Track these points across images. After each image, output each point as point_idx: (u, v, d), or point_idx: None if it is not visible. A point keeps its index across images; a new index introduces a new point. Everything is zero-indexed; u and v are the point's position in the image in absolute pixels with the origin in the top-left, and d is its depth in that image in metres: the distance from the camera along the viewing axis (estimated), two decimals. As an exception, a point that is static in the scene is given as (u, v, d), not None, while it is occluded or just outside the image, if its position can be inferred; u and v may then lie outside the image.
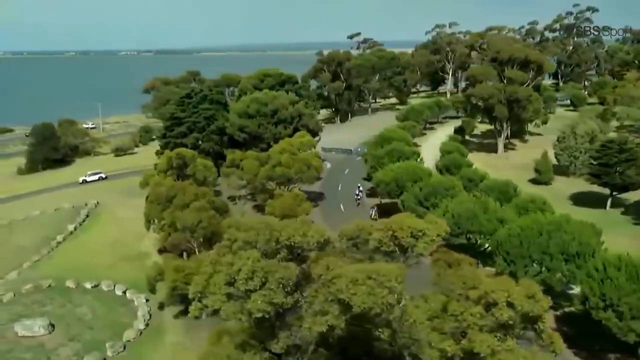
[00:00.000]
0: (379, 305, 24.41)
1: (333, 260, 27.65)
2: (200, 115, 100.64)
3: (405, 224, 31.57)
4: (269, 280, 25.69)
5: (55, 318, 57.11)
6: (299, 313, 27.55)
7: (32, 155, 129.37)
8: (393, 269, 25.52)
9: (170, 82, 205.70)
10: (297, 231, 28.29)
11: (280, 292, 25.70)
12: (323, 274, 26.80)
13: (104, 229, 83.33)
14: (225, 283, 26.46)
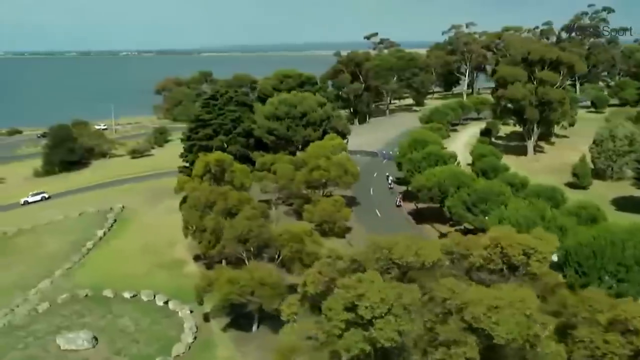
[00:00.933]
0: (523, 337, 21.95)
1: (454, 282, 25.13)
2: (227, 117, 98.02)
3: (515, 240, 29.04)
4: (394, 305, 23.21)
5: (98, 330, 54.71)
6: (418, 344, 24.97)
7: (48, 158, 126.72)
8: (530, 295, 23.04)
9: (182, 82, 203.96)
10: (409, 249, 25.79)
11: (407, 318, 23.24)
12: (448, 297, 24.30)
13: (134, 235, 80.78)
14: (344, 308, 23.93)
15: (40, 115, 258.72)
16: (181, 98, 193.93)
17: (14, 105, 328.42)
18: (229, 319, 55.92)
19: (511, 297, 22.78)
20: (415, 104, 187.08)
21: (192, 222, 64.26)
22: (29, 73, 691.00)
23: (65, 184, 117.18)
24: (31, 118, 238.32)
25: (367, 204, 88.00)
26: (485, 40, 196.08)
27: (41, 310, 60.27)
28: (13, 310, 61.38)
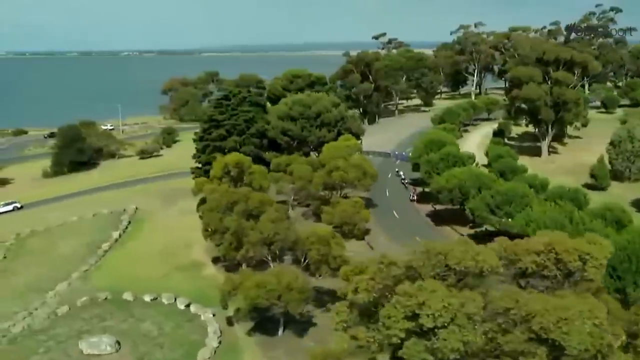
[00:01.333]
0: (596, 347, 21.11)
1: (517, 290, 24.25)
2: (240, 117, 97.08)
3: (570, 245, 28.15)
4: (457, 314, 22.34)
5: (120, 334, 53.77)
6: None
7: (58, 158, 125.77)
8: (598, 304, 22.17)
9: (188, 82, 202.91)
10: (466, 255, 24.90)
11: (471, 328, 22.37)
12: (512, 307, 23.41)
13: (150, 237, 79.94)
14: (403, 317, 23.05)
15: (44, 115, 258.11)
16: (188, 98, 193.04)
17: (18, 105, 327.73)
18: (252, 322, 54.92)
19: (579, 306, 21.93)
20: (423, 104, 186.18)
21: (212, 224, 63.37)
22: (32, 73, 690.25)
23: (75, 185, 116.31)
24: (36, 118, 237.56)
25: (384, 206, 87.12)
26: (493, 40, 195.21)
27: (60, 313, 59.38)
28: (31, 313, 60.52)
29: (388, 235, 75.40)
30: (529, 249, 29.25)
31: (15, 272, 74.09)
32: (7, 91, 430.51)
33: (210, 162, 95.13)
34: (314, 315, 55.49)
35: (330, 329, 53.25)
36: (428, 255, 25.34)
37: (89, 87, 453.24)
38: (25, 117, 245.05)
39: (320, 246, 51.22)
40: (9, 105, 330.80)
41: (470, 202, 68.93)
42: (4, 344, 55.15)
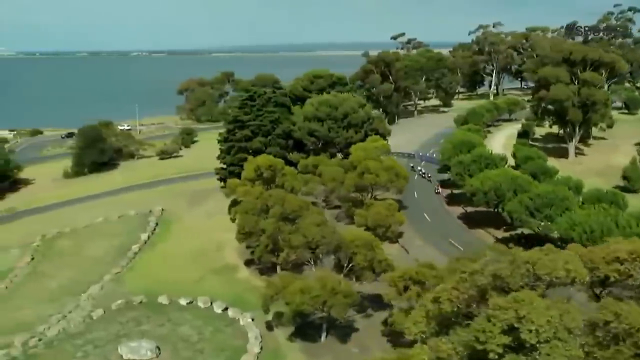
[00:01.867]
0: None
1: (612, 301, 23.20)
2: (266, 118, 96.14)
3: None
4: (558, 328, 21.33)
5: (159, 339, 52.98)
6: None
7: (79, 159, 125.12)
8: None
9: (204, 83, 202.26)
10: (556, 264, 23.85)
11: (573, 343, 21.35)
12: (612, 320, 22.37)
13: (179, 239, 79.15)
14: (500, 332, 22.03)
15: (59, 115, 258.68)
16: (205, 98, 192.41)
17: (32, 105, 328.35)
18: (293, 327, 54.00)
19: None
20: (442, 105, 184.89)
21: (247, 226, 62.41)
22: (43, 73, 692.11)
23: (97, 186, 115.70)
24: (51, 118, 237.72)
25: (414, 208, 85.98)
26: (511, 40, 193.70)
27: (96, 317, 58.65)
28: (66, 316, 59.82)
29: (421, 238, 74.39)
30: (608, 257, 28.18)
31: (45, 274, 73.54)
32: (21, 91, 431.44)
33: (235, 163, 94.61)
34: (354, 320, 54.57)
35: (372, 335, 52.83)
36: (515, 264, 24.30)
37: (101, 87, 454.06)
38: (40, 117, 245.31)
39: (367, 251, 50.21)
40: (24, 105, 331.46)
41: (508, 205, 67.67)
42: (41, 347, 54.47)
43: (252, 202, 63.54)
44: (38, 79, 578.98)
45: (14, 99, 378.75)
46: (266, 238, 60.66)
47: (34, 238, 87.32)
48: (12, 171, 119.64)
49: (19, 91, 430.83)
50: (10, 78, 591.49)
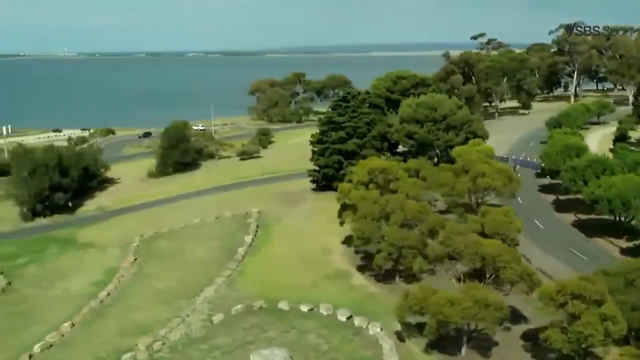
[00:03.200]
0: None
1: None
2: (361, 119, 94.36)
3: None
4: None
5: (288, 347, 51.23)
6: None
7: (163, 158, 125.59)
8: None
9: (276, 84, 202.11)
10: None
11: None
12: None
13: (283, 242, 77.59)
14: None
15: (129, 115, 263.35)
16: (277, 99, 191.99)
17: (101, 105, 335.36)
18: (426, 339, 51.59)
19: None
20: (521, 107, 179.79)
21: (367, 232, 60.38)
22: (105, 73, 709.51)
23: (183, 186, 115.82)
24: (120, 118, 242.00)
25: (522, 214, 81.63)
26: (593, 40, 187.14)
27: (216, 321, 57.48)
28: (184, 320, 58.88)
29: (539, 246, 71.12)
30: None
31: (152, 275, 73.20)
32: (90, 91, 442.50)
33: (329, 165, 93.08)
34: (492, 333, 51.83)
35: (514, 349, 50.13)
36: None
37: (166, 87, 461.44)
38: (110, 117, 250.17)
39: (515, 264, 47.59)
40: (94, 105, 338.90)
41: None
42: (165, 351, 53.61)
43: (370, 207, 61.52)
44: (103, 79, 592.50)
45: (83, 99, 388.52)
46: (388, 245, 58.52)
47: (131, 238, 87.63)
48: (100, 170, 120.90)
49: (86, 91, 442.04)
50: (77, 78, 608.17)
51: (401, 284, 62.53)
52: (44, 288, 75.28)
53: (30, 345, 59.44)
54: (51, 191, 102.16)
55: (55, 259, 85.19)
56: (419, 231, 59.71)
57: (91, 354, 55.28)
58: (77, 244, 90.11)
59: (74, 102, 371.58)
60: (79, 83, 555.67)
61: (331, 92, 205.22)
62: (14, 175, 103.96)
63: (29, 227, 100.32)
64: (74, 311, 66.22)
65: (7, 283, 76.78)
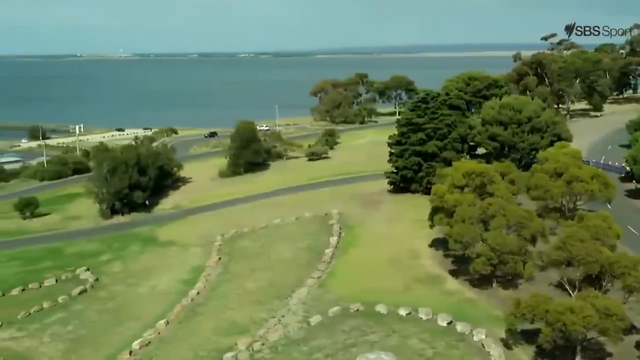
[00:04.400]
0: None
1: None
2: (442, 121, 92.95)
3: None
4: None
5: (391, 352, 50.41)
6: None
7: (235, 158, 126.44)
8: None
9: (338, 84, 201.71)
10: None
11: None
12: None
13: (368, 244, 76.87)
14: None
15: (188, 115, 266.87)
16: (340, 100, 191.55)
17: (158, 105, 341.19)
18: (533, 346, 50.18)
19: None
20: (592, 109, 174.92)
21: (466, 236, 59.17)
22: (161, 73, 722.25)
23: (256, 186, 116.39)
24: (179, 118, 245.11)
25: (614, 219, 79.91)
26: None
27: (314, 323, 57.13)
28: (280, 320, 58.77)
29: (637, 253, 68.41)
30: None
31: (239, 274, 73.55)
32: (146, 91, 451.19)
33: (408, 167, 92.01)
34: (604, 342, 50.08)
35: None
36: None
37: (221, 88, 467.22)
38: (169, 116, 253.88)
39: (636, 271, 45.81)
40: (151, 105, 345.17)
41: None
42: (266, 352, 53.52)
43: (469, 210, 60.32)
44: (160, 80, 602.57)
45: (141, 99, 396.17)
46: (489, 250, 57.23)
47: (211, 237, 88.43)
48: (173, 169, 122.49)
49: (145, 91, 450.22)
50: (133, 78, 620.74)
51: (499, 290, 61.24)
52: (131, 285, 76.56)
53: (127, 342, 60.43)
54: (130, 189, 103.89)
55: (137, 257, 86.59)
56: (521, 236, 58.16)
57: (191, 352, 55.73)
58: (158, 242, 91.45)
59: (132, 101, 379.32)
60: (137, 83, 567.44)
61: (393, 93, 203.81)
62: (95, 174, 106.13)
63: (108, 225, 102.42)
64: (166, 309, 67.10)
65: (94, 279, 78.33)
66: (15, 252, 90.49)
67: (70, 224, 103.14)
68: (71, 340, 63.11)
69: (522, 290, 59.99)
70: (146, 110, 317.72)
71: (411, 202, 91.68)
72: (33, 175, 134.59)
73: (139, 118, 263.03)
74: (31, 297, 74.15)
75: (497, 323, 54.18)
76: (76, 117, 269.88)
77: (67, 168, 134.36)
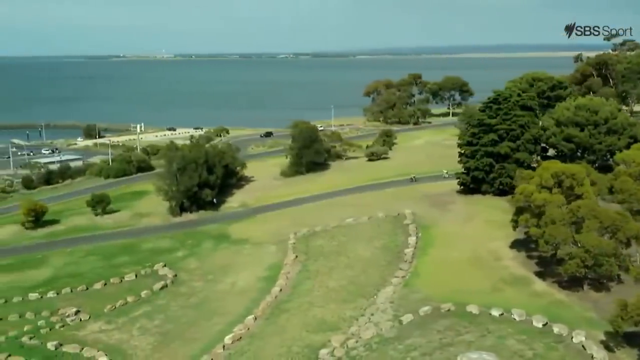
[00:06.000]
0: None
1: None
2: (515, 122, 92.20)
3: None
4: None
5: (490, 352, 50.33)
6: None
7: (297, 158, 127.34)
8: None
9: (391, 85, 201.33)
10: None
11: None
12: None
13: (447, 245, 76.56)
14: None
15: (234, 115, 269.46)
16: (394, 100, 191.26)
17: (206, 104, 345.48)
18: (636, 349, 49.58)
19: None
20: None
21: (558, 237, 58.68)
22: (204, 74, 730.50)
23: (320, 185, 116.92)
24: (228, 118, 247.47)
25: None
26: None
27: (405, 321, 57.31)
28: (370, 319, 59.09)
29: None
30: None
31: (319, 273, 74.13)
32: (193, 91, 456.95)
33: (480, 168, 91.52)
34: None
35: None
36: None
37: (262, 87, 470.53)
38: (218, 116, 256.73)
39: None
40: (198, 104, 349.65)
41: None
42: (360, 349, 53.91)
43: (560, 211, 59.82)
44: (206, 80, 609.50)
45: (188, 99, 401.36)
46: (583, 252, 56.69)
47: (284, 235, 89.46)
48: (237, 168, 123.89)
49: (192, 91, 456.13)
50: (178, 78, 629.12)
51: (590, 292, 60.64)
52: (210, 282, 77.92)
53: (215, 337, 61.67)
54: (199, 187, 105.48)
55: (212, 254, 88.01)
56: (615, 239, 57.48)
57: (284, 348, 56.46)
58: (230, 240, 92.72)
59: (177, 101, 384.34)
60: (184, 83, 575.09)
61: (447, 94, 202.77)
62: (165, 172, 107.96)
63: (177, 222, 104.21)
64: (249, 305, 68.17)
65: (173, 275, 79.88)
66: (93, 247, 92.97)
67: (140, 221, 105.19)
68: (160, 334, 64.76)
69: (614, 293, 59.35)
70: (193, 109, 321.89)
71: (483, 203, 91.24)
72: (98, 173, 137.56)
73: (186, 118, 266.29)
74: (114, 292, 76.27)
75: (593, 325, 53.87)
76: (125, 116, 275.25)
77: (131, 166, 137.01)
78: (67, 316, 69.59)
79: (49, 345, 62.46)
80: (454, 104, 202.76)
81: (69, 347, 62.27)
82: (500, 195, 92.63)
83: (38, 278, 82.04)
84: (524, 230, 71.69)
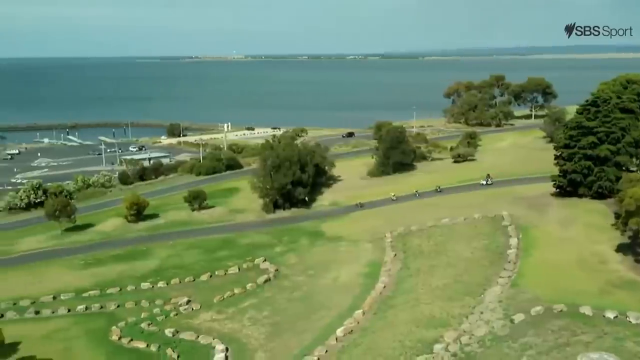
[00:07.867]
0: None
1: None
2: (615, 125, 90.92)
3: None
4: None
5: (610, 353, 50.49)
6: None
7: (384, 159, 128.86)
8: None
9: (472, 86, 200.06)
10: None
11: None
12: None
13: (549, 247, 76.22)
14: None
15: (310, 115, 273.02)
16: (476, 102, 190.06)
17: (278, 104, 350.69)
18: None
19: None
20: None
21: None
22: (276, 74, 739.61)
23: (408, 186, 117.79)
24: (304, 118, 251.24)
25: None
26: None
27: (517, 321, 57.87)
28: (480, 317, 59.88)
29: None
30: None
31: (421, 271, 75.36)
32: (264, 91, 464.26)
33: (577, 171, 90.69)
34: None
35: None
36: None
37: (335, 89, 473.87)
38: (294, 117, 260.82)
39: None
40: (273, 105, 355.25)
41: None
42: (474, 346, 54.80)
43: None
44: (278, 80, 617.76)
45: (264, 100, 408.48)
46: (703, 256, 55.94)
47: (379, 233, 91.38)
48: (326, 167, 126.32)
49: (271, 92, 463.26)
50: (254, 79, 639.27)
51: None
52: (311, 277, 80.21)
53: (324, 330, 63.77)
54: (292, 185, 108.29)
55: (309, 250, 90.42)
56: None
57: (396, 342, 57.87)
58: (325, 237, 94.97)
59: (251, 102, 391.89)
60: (258, 84, 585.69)
61: (529, 96, 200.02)
62: (260, 170, 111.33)
63: (271, 219, 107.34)
64: (354, 300, 70.09)
65: (275, 270, 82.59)
66: (194, 240, 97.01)
67: (235, 217, 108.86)
68: (270, 324, 67.32)
69: None
70: (269, 110, 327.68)
71: (581, 207, 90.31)
72: (189, 170, 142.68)
73: (263, 117, 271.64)
74: (221, 283, 79.57)
75: None
76: (203, 115, 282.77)
77: (221, 164, 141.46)
78: (180, 305, 73.19)
79: (167, 332, 65.94)
80: (536, 106, 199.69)
81: (186, 335, 65.60)
82: (598, 199, 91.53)
83: (146, 268, 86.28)
84: (628, 235, 71.19)
